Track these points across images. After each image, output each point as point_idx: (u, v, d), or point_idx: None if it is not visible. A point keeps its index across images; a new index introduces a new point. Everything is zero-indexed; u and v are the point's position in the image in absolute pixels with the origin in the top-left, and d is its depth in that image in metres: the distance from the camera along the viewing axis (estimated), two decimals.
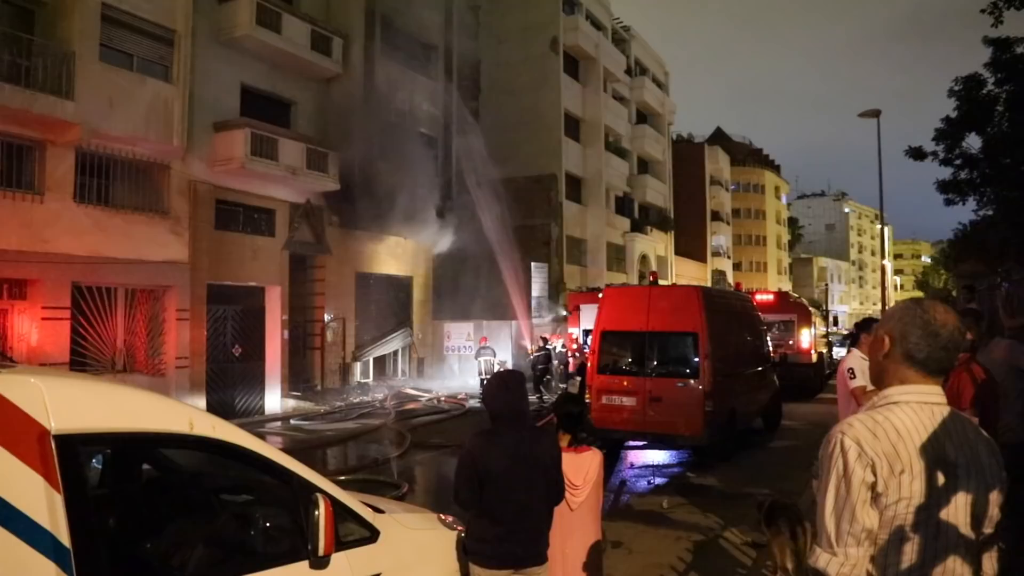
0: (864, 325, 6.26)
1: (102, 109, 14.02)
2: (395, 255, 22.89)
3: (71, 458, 2.22)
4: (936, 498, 1.72)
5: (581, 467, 4.13)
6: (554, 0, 33.16)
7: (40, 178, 13.53)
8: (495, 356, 22.23)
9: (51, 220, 13.47)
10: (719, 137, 66.92)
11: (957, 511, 1.74)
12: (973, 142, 19.60)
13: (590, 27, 35.59)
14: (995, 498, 1.78)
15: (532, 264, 27.15)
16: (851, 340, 6.42)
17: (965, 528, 1.74)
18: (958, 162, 19.64)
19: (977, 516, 1.76)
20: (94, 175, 14.39)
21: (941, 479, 1.73)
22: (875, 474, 1.72)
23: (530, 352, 22.73)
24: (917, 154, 19.68)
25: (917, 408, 1.79)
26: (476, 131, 25.37)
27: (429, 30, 22.90)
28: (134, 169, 15.27)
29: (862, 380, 5.51)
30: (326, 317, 20.14)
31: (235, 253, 17.44)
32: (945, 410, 1.81)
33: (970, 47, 17.98)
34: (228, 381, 17.15)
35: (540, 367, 20.23)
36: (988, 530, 1.79)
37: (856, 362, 5.71)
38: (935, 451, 1.74)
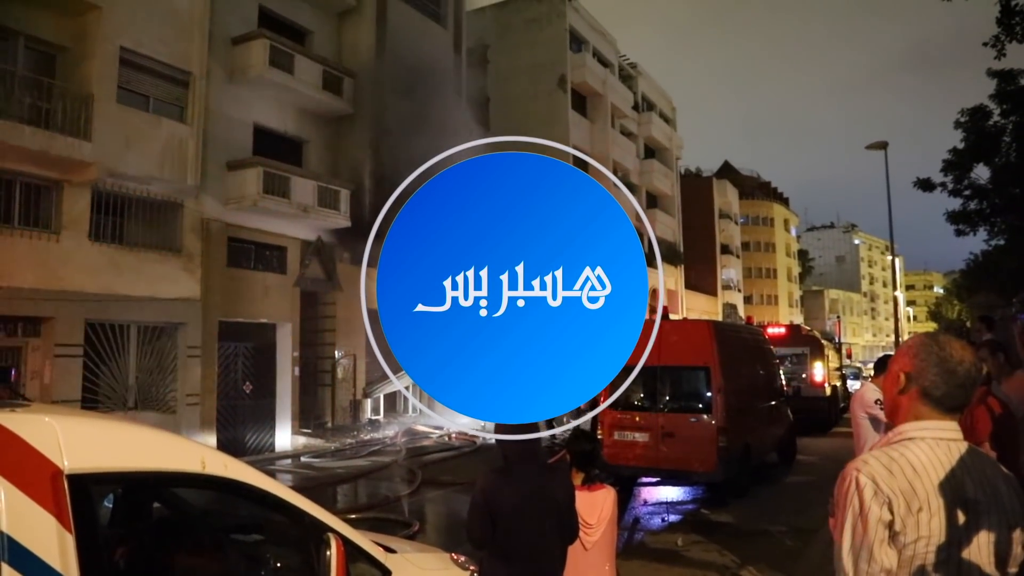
0: (885, 362, 6.17)
1: (118, 149, 14.26)
2: None
3: (83, 498, 2.22)
4: (957, 537, 1.69)
5: (595, 505, 4.08)
6: (561, 39, 33.65)
7: (57, 217, 13.72)
8: None
9: (66, 258, 13.62)
10: (727, 171, 67.22)
11: (979, 550, 1.70)
12: (981, 172, 19.62)
13: (597, 64, 36.03)
14: (1018, 536, 1.74)
15: None
16: (877, 369, 6.35)
17: (988, 568, 1.70)
18: (967, 193, 19.64)
19: (1000, 555, 1.72)
20: (109, 213, 14.58)
21: (961, 517, 1.70)
22: (892, 512, 1.69)
23: None
24: (926, 185, 19.71)
25: (933, 444, 1.77)
26: None
27: (439, 69, 23.20)
28: (148, 207, 15.46)
29: None
30: (337, 354, 20.15)
31: (247, 290, 17.54)
32: (963, 446, 1.79)
33: (977, 77, 18.08)
34: (239, 418, 17.13)
35: None
36: (1012, 570, 1.75)
37: (879, 394, 5.61)
38: (953, 488, 1.71)
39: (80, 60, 14.22)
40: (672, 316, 14.68)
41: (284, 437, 17.99)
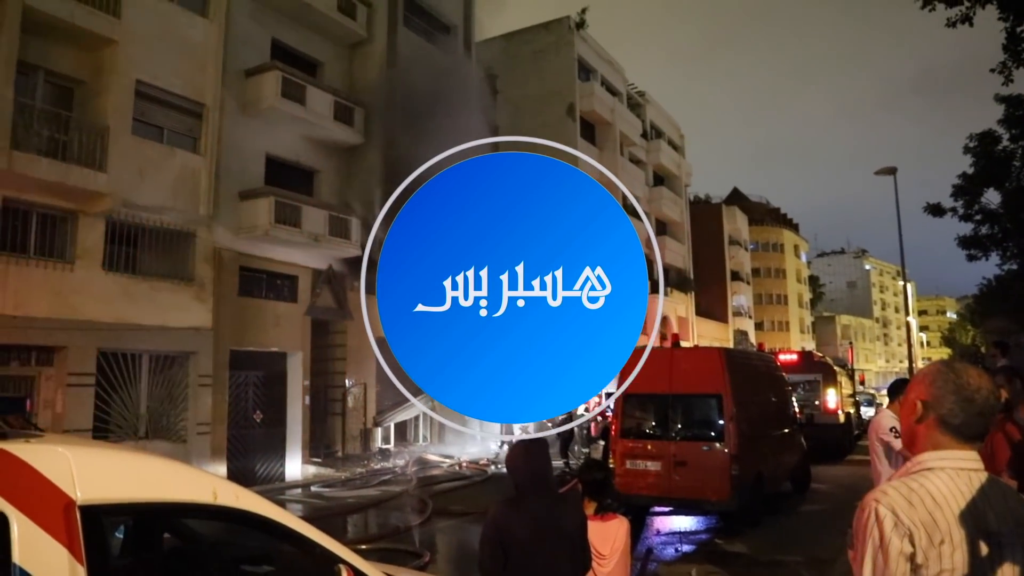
0: (900, 386, 6.11)
1: (133, 180, 14.44)
2: None
3: (95, 529, 2.21)
4: (980, 570, 1.66)
5: (608, 536, 4.04)
6: (570, 68, 33.97)
7: (71, 247, 13.86)
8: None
9: (80, 287, 13.73)
10: (736, 197, 67.35)
11: None
12: (992, 197, 19.57)
13: (605, 93, 36.31)
14: None
15: None
16: (892, 394, 6.27)
17: None
18: (978, 217, 19.57)
19: None
20: (122, 243, 14.72)
21: (984, 549, 1.67)
22: (913, 544, 1.66)
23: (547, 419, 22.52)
24: (936, 210, 19.66)
25: (953, 474, 1.74)
26: None
27: (448, 99, 23.41)
28: (161, 237, 15.59)
29: None
30: (347, 382, 20.13)
31: (258, 319, 17.60)
32: (983, 476, 1.76)
33: (985, 102, 18.12)
34: (249, 447, 17.10)
35: (567, 431, 19.89)
36: None
37: (895, 421, 5.55)
38: (975, 520, 1.68)
39: (97, 93, 14.46)
40: (683, 343, 14.60)
41: (294, 466, 17.93)
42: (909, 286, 53.03)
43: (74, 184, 13.28)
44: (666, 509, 11.73)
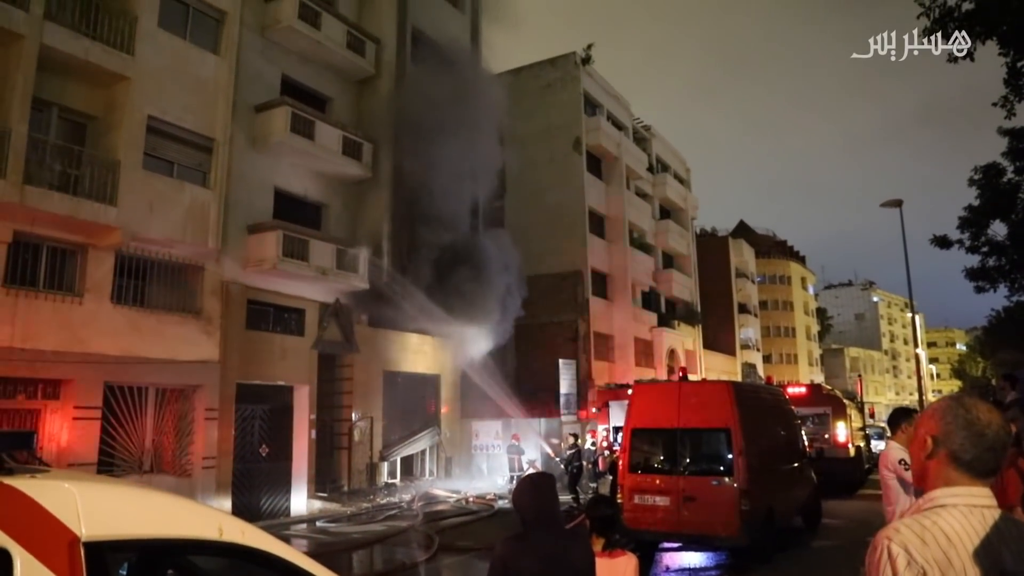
0: (899, 416, 6.06)
1: (142, 214, 14.56)
2: (422, 353, 22.94)
3: (99, 566, 2.19)
4: None
5: (616, 572, 3.98)
6: (576, 103, 34.31)
7: (81, 280, 13.95)
8: (522, 454, 21.83)
9: (88, 321, 13.78)
10: (743, 230, 67.45)
11: None
12: (999, 229, 19.55)
13: (611, 127, 36.62)
14: None
15: (560, 361, 27.00)
16: (892, 425, 6.19)
17: None
18: (985, 249, 19.53)
19: None
20: (131, 276, 14.81)
21: None
22: None
23: (552, 454, 22.45)
24: (942, 242, 19.64)
25: (966, 511, 1.72)
26: (502, 231, 25.77)
27: (456, 134, 23.63)
28: (169, 270, 15.69)
29: None
30: (354, 416, 20.05)
31: (265, 352, 17.60)
32: (996, 514, 1.73)
33: (990, 134, 18.20)
34: (254, 482, 16.99)
35: (576, 465, 19.69)
36: None
37: (905, 454, 5.47)
38: (990, 559, 1.66)
39: (109, 128, 14.66)
40: (691, 377, 14.53)
41: (300, 501, 17.79)
42: (918, 318, 52.78)
43: (85, 218, 13.40)
44: (675, 545, 11.58)
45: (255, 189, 17.96)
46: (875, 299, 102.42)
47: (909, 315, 66.36)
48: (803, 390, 21.48)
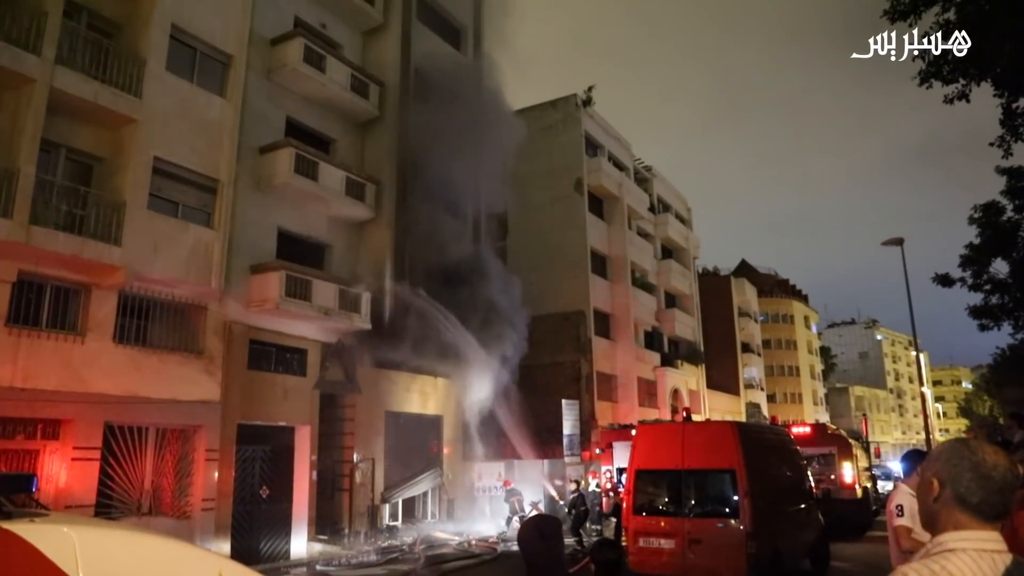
0: (913, 458, 5.97)
1: (146, 253, 14.63)
2: (425, 394, 22.83)
3: None
4: None
5: None
6: (577, 144, 34.69)
7: (83, 320, 13.96)
8: (520, 496, 21.63)
9: (90, 360, 13.76)
10: (744, 269, 67.58)
11: None
12: (1001, 267, 19.58)
13: (613, 168, 36.96)
14: None
15: (563, 402, 26.85)
16: (904, 468, 6.11)
17: None
18: (987, 287, 19.54)
19: None
20: (134, 316, 14.82)
21: None
22: None
23: (556, 496, 22.23)
24: (945, 281, 19.64)
25: (976, 556, 1.69)
26: (505, 272, 25.82)
27: (459, 176, 23.83)
28: (172, 310, 15.71)
29: (909, 520, 5.23)
30: (355, 457, 19.87)
31: (266, 392, 17.53)
32: (1007, 558, 1.71)
33: (990, 172, 18.33)
34: (254, 524, 16.77)
35: (581, 508, 19.44)
36: None
37: (905, 499, 5.42)
38: None
39: (116, 169, 14.81)
40: (695, 417, 14.39)
41: (300, 543, 17.55)
42: (922, 356, 52.53)
43: (89, 257, 13.47)
44: None
45: (258, 229, 18.06)
46: (879, 337, 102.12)
47: (913, 353, 66.06)
48: (807, 430, 21.31)
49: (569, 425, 26.50)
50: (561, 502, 20.98)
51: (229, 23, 17.31)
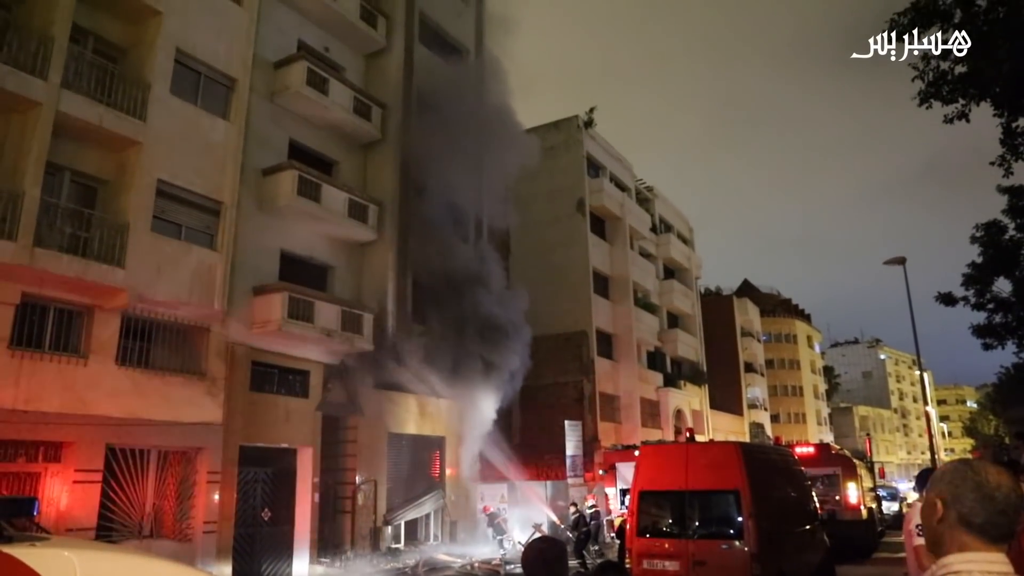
0: (928, 476, 5.94)
1: (149, 275, 14.66)
2: (427, 415, 22.75)
3: None
4: None
5: None
6: (579, 165, 34.86)
7: (86, 342, 13.96)
8: (504, 518, 21.52)
9: (92, 382, 13.75)
10: (747, 289, 67.61)
11: None
12: (1004, 285, 19.54)
13: (614, 188, 37.10)
14: None
15: (566, 422, 26.75)
16: (919, 487, 6.06)
17: None
18: (991, 306, 19.49)
19: None
20: (136, 338, 14.83)
21: None
22: None
23: (559, 522, 22.12)
24: (947, 300, 19.60)
25: None
26: (508, 291, 25.81)
27: (461, 197, 23.90)
28: (175, 332, 15.71)
29: None
30: (358, 479, 19.77)
31: (268, 414, 17.48)
32: None
33: (991, 190, 18.36)
34: (255, 547, 16.67)
35: (584, 530, 19.32)
36: None
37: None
38: None
39: (119, 192, 14.88)
40: (698, 437, 14.33)
41: (301, 566, 17.41)
42: (926, 375, 52.28)
43: (92, 279, 13.50)
44: None
45: (261, 251, 18.10)
46: (882, 356, 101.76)
47: (917, 372, 65.82)
48: (811, 450, 21.17)
49: (572, 446, 26.38)
50: (563, 526, 20.84)
51: (233, 47, 17.48)
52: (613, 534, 18.82)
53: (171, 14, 15.82)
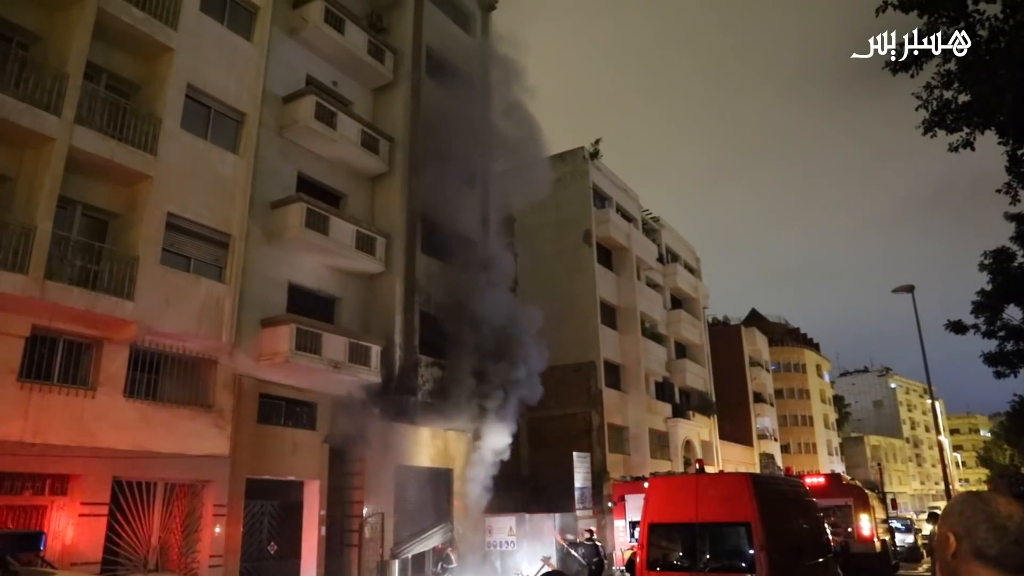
0: None
1: (158, 308, 14.74)
2: (435, 447, 22.61)
3: None
4: None
5: None
6: (585, 196, 35.02)
7: (94, 374, 14.00)
8: (456, 546, 21.44)
9: (100, 415, 13.76)
10: (755, 318, 67.33)
11: None
12: (1014, 313, 19.42)
13: (621, 219, 37.23)
14: None
15: (574, 454, 26.54)
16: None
17: None
18: (1002, 334, 19.35)
19: None
20: (145, 370, 14.86)
21: None
22: None
23: (565, 547, 21.87)
24: (958, 328, 19.47)
25: None
26: (517, 323, 25.78)
27: (469, 228, 24.01)
28: (183, 364, 15.74)
29: None
30: (365, 512, 19.60)
31: (276, 447, 17.42)
32: None
33: (999, 218, 18.35)
34: None
35: (595, 560, 19.10)
36: None
37: None
38: None
39: (130, 225, 15.04)
40: (708, 469, 14.18)
41: None
42: (938, 404, 51.77)
43: (102, 312, 13.58)
44: None
45: (269, 283, 18.18)
46: (893, 385, 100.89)
47: (929, 401, 65.18)
48: (821, 480, 20.91)
49: (580, 478, 26.13)
50: (575, 553, 20.59)
51: (243, 82, 17.75)
52: (622, 567, 18.56)
53: (183, 51, 16.10)
